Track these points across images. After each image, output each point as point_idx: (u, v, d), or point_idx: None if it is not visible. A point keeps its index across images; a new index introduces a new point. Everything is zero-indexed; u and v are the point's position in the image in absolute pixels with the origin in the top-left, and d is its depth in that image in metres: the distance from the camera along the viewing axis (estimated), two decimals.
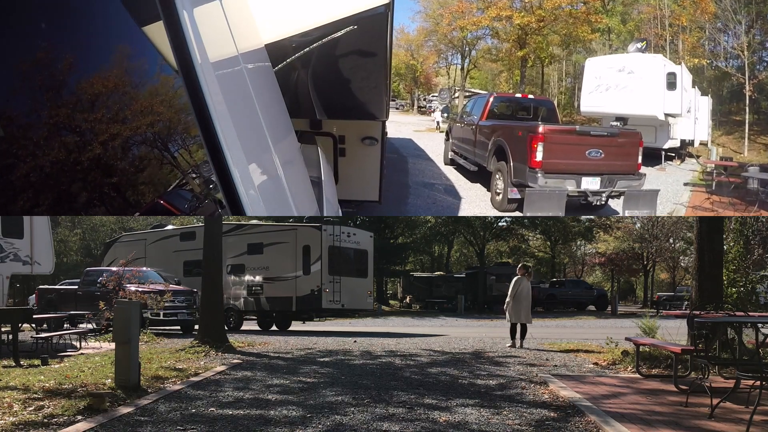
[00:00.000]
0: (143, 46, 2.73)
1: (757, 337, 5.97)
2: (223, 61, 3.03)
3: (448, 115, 19.76)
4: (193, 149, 2.87)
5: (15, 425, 4.94)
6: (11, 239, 14.18)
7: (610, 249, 42.23)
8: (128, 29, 2.64)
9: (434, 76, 56.48)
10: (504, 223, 37.50)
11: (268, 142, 3.50)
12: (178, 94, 2.86)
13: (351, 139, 9.53)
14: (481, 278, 34.79)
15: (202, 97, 2.64)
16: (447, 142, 17.91)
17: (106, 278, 14.72)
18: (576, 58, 38.86)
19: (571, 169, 10.46)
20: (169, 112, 2.70)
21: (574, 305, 34.56)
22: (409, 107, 56.05)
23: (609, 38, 35.52)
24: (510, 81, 43.04)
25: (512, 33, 34.78)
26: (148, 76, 2.64)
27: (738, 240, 10.80)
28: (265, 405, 5.91)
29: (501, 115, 14.63)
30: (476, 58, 43.64)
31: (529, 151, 10.31)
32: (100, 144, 2.21)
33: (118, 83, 2.35)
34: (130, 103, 2.42)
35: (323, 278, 17.58)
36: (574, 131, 11.05)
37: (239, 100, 3.19)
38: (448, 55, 49.62)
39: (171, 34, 2.53)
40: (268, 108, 3.70)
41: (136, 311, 7.00)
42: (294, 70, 6.24)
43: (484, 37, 40.77)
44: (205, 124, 2.67)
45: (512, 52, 36.04)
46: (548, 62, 38.64)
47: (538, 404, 5.95)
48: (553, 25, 33.65)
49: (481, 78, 52.82)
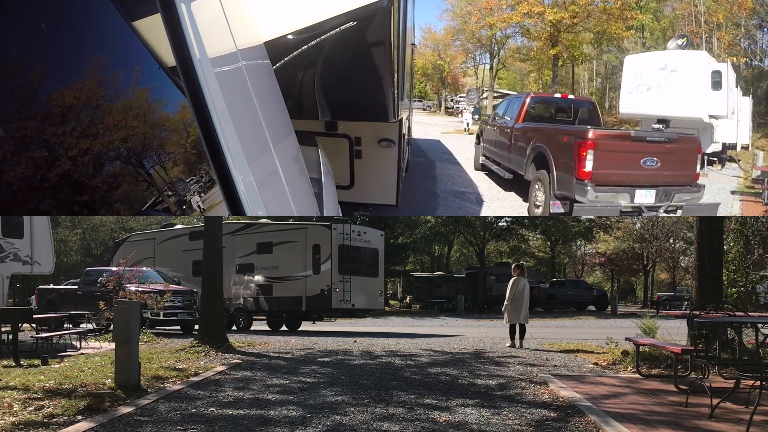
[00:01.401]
0: (118, 58, 2.69)
1: (757, 337, 5.97)
2: (222, 57, 3.01)
3: (479, 116, 18.76)
4: (168, 166, 2.81)
5: (15, 425, 4.93)
6: (11, 239, 14.19)
7: (610, 249, 42.21)
8: (104, 40, 2.59)
9: (462, 76, 55.37)
10: (504, 223, 37.50)
11: (267, 142, 3.49)
12: (153, 109, 2.81)
13: (367, 141, 9.18)
14: (481, 278, 34.79)
15: (201, 94, 2.62)
16: (478, 146, 16.97)
17: (106, 278, 14.72)
18: (607, 57, 37.58)
19: (624, 180, 9.31)
20: (143, 127, 2.64)
21: (574, 305, 34.55)
22: (437, 108, 54.81)
23: (643, 36, 34.25)
24: (539, 81, 41.83)
25: (544, 31, 33.74)
26: (123, 89, 2.57)
27: (738, 240, 10.80)
28: (265, 405, 5.91)
29: (538, 117, 13.43)
30: (505, 57, 42.35)
31: (576, 159, 9.14)
32: (69, 159, 2.14)
33: (91, 96, 2.29)
34: (102, 117, 2.37)
35: (333, 278, 17.30)
36: (628, 136, 9.68)
37: (238, 97, 3.15)
38: (476, 55, 48.53)
39: (169, 30, 2.51)
40: (267, 106, 3.68)
41: (136, 311, 7.00)
42: (300, 70, 6.16)
43: (513, 36, 39.76)
44: (204, 122, 2.65)
45: (544, 51, 34.82)
46: (581, 61, 37.31)
47: (538, 404, 5.95)
48: (585, 22, 32.47)
49: (510, 78, 51.45)
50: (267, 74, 4.10)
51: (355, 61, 6.16)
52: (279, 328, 18.98)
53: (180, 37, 2.53)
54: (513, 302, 11.65)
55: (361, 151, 9.13)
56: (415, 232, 40.13)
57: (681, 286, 39.46)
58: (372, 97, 6.83)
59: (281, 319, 19.09)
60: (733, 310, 7.44)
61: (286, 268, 18.16)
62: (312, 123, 8.23)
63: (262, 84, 3.74)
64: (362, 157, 9.16)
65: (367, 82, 6.52)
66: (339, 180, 9.15)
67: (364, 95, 6.88)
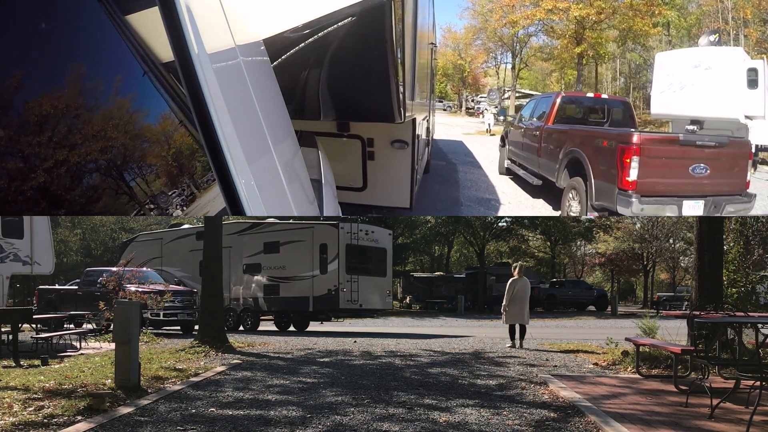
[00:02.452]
0: (100, 65, 2.61)
1: (757, 337, 5.97)
2: (221, 53, 2.98)
3: (504, 117, 17.91)
4: (150, 179, 2.73)
5: (15, 425, 4.93)
6: (11, 239, 14.19)
7: (610, 249, 42.21)
8: (85, 47, 2.53)
9: (482, 76, 54.20)
10: (504, 224, 37.49)
11: (267, 140, 3.47)
12: (134, 119, 2.74)
13: (380, 142, 8.89)
14: (481, 278, 34.79)
15: (200, 90, 2.57)
16: (502, 149, 16.02)
17: (106, 278, 14.73)
18: (630, 55, 36.49)
19: (671, 190, 8.46)
20: (123, 138, 2.55)
21: (574, 305, 34.55)
22: (457, 108, 53.78)
23: (668, 33, 33.27)
24: (561, 81, 40.93)
25: (568, 28, 32.80)
26: (104, 98, 2.49)
27: (738, 240, 10.79)
28: (265, 405, 5.91)
29: (570, 118, 12.34)
30: (527, 56, 41.26)
31: (619, 167, 8.22)
32: (44, 171, 2.05)
33: (70, 105, 2.21)
34: (81, 127, 2.28)
35: (340, 277, 17.09)
36: (676, 140, 8.64)
37: (238, 94, 3.12)
38: (497, 54, 47.39)
39: (168, 25, 2.46)
40: (267, 103, 3.66)
41: (136, 311, 7.01)
42: (300, 69, 6.10)
43: (536, 34, 38.77)
44: (203, 119, 2.62)
45: (568, 49, 33.79)
46: (607, 59, 36.14)
47: (538, 404, 5.95)
48: (611, 18, 31.40)
49: (531, 78, 50.38)
50: (266, 72, 4.07)
51: (356, 60, 6.07)
52: (287, 328, 18.84)
53: (179, 32, 2.48)
54: (511, 303, 11.65)
55: (374, 153, 8.89)
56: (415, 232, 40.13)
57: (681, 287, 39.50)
58: (375, 97, 6.64)
59: (289, 319, 18.93)
60: (733, 310, 7.44)
61: (293, 268, 17.99)
62: (324, 124, 8.07)
63: (262, 81, 3.72)
64: (375, 158, 8.92)
65: (369, 81, 6.39)
66: (351, 182, 9.00)
67: (367, 95, 6.72)
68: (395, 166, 9.11)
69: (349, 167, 8.87)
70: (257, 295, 18.78)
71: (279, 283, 18.33)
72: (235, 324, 18.80)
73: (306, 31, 5.20)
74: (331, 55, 5.92)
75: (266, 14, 4.63)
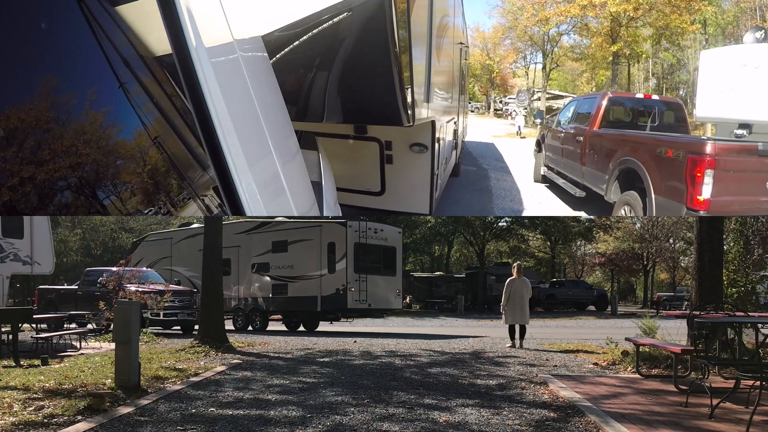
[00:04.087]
0: (73, 78, 2.49)
1: (757, 337, 5.97)
2: (219, 47, 2.91)
3: (541, 120, 16.10)
4: (125, 197, 2.64)
5: (15, 425, 4.93)
6: (11, 239, 14.19)
7: (610, 249, 42.21)
8: (58, 58, 2.42)
9: (511, 76, 52.62)
10: (504, 223, 37.51)
11: (266, 137, 3.44)
12: (108, 135, 2.60)
13: (398, 146, 8.53)
14: (481, 278, 34.81)
15: (198, 84, 2.51)
16: (538, 154, 14.81)
17: (106, 278, 14.73)
18: (664, 55, 35.02)
19: (746, 210, 7.53)
20: (96, 154, 2.42)
21: (574, 305, 34.57)
22: (485, 110, 52.47)
23: (705, 31, 31.85)
24: (592, 82, 39.39)
25: (603, 26, 31.33)
26: (76, 112, 2.36)
27: (738, 240, 10.79)
28: (265, 405, 5.91)
29: (618, 121, 11.07)
30: (558, 56, 39.60)
31: (689, 182, 6.90)
32: (8, 189, 1.94)
33: (39, 118, 2.10)
34: (50, 142, 2.15)
35: (348, 276, 16.79)
36: (755, 150, 7.08)
37: (236, 89, 3.07)
38: (527, 54, 45.82)
39: (165, 16, 2.41)
40: (266, 100, 3.60)
41: (136, 311, 7.00)
42: (300, 69, 5.95)
43: (567, 32, 37.32)
44: (201, 113, 2.57)
45: (603, 47, 32.22)
46: (645, 58, 34.47)
47: (538, 404, 5.95)
48: (647, 15, 30.05)
49: (560, 79, 48.84)
50: (265, 68, 4.01)
51: (356, 58, 5.84)
52: (297, 328, 18.67)
53: (176, 24, 2.43)
54: (510, 302, 11.63)
55: (392, 156, 8.59)
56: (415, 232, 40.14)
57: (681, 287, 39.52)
58: (379, 98, 6.26)
59: (298, 319, 18.73)
60: (733, 310, 7.44)
61: (302, 267, 17.78)
62: (341, 125, 7.90)
63: (261, 77, 3.65)
64: (393, 162, 8.61)
65: (372, 81, 6.08)
66: (369, 186, 8.75)
67: (371, 96, 6.38)
68: (414, 171, 8.74)
69: (366, 171, 8.64)
70: (266, 295, 18.61)
71: (287, 283, 18.12)
72: (244, 324, 18.66)
73: (302, 28, 5.08)
74: (331, 53, 5.75)
75: (263, 10, 4.54)
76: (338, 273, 17.00)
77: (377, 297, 17.62)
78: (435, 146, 8.71)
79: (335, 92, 6.22)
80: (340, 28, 5.16)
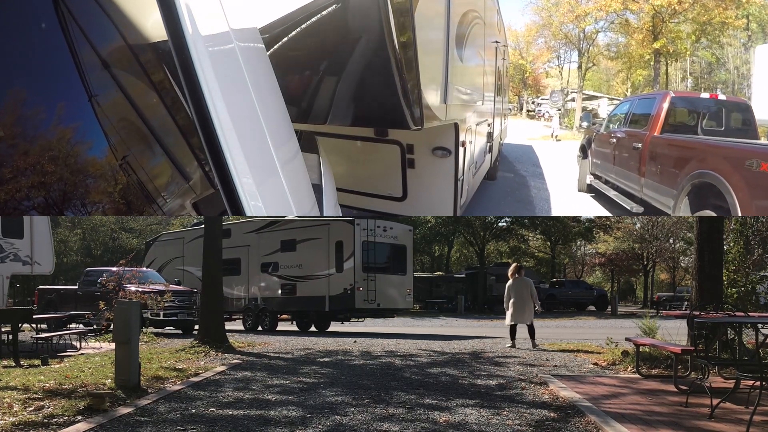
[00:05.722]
0: (41, 92, 2.34)
1: (757, 337, 5.96)
2: (215, 36, 2.86)
3: (589, 124, 14.49)
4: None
5: (15, 425, 4.93)
6: (11, 239, 14.20)
7: (610, 249, 42.23)
8: (27, 70, 2.29)
9: (543, 76, 50.79)
10: (504, 224, 37.50)
11: (263, 129, 3.40)
12: (76, 152, 2.44)
13: (420, 149, 8.09)
14: (481, 278, 34.81)
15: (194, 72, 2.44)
16: (583, 160, 13.45)
17: (106, 278, 14.74)
18: (702, 53, 33.58)
19: None
20: (63, 172, 2.26)
21: (574, 305, 34.58)
22: (517, 111, 50.44)
23: (747, 27, 30.36)
24: (627, 82, 37.88)
25: (645, 22, 29.74)
26: (44, 127, 2.21)
27: (738, 240, 10.78)
28: (265, 405, 5.91)
29: (682, 125, 9.64)
30: (595, 54, 37.70)
31: None
32: None
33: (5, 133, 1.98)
34: (12, 159, 2.00)
35: (356, 276, 16.47)
36: None
37: (233, 78, 3.01)
38: (561, 53, 43.84)
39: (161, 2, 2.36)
40: (263, 93, 3.53)
41: (136, 311, 7.01)
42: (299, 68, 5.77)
43: (604, 30, 35.53)
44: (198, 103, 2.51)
45: (644, 44, 30.48)
46: (689, 55, 32.50)
47: (538, 404, 5.95)
48: (690, 9, 28.36)
49: (594, 79, 46.79)
50: (262, 59, 3.88)
51: (351, 55, 5.53)
52: (308, 329, 18.48)
53: (172, 11, 2.37)
54: (512, 302, 11.59)
55: (414, 160, 8.14)
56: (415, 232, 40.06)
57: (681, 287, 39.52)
58: (381, 98, 5.84)
59: (309, 319, 18.50)
60: (733, 310, 7.43)
61: (310, 267, 17.55)
62: (361, 130, 7.67)
63: (257, 68, 3.57)
64: (415, 166, 8.16)
65: (370, 81, 5.72)
66: (391, 191, 8.45)
67: (371, 97, 5.97)
68: (437, 176, 8.22)
69: (387, 175, 8.35)
70: (275, 295, 18.45)
71: (296, 283, 17.90)
72: (254, 324, 18.52)
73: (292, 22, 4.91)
74: (324, 50, 5.49)
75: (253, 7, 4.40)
76: (346, 272, 16.73)
77: (386, 297, 17.29)
78: (459, 150, 8.20)
79: (335, 94, 5.96)
80: (331, 22, 4.90)
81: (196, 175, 3.55)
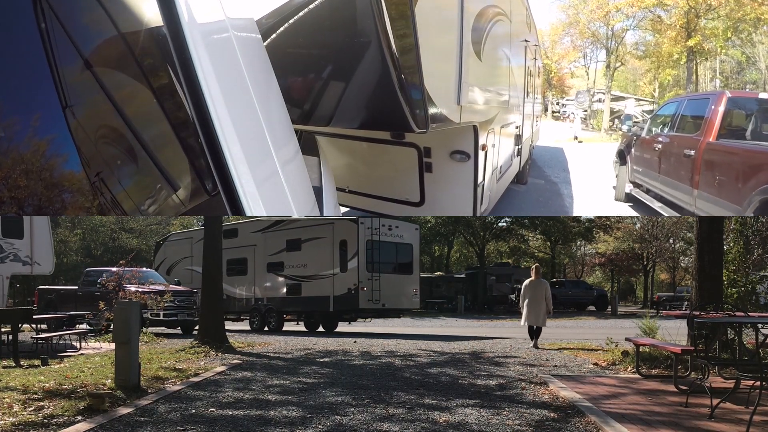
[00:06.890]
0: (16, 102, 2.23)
1: (757, 337, 5.96)
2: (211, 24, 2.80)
3: (629, 126, 13.23)
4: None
5: (15, 425, 4.93)
6: (11, 239, 14.20)
7: (610, 249, 42.21)
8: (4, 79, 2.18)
9: (568, 76, 49.31)
10: (504, 224, 37.49)
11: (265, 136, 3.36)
12: (52, 165, 2.34)
13: (438, 153, 7.77)
14: (481, 278, 34.78)
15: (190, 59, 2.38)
16: (621, 167, 12.32)
17: (106, 279, 14.74)
18: (732, 52, 32.51)
19: None
20: (37, 186, 2.15)
21: (574, 305, 34.55)
22: (542, 112, 51.14)
23: None
24: (655, 82, 36.56)
25: (679, 18, 28.68)
26: (18, 139, 2.11)
27: (738, 240, 10.79)
28: (265, 405, 5.91)
29: (739, 130, 8.51)
30: (623, 53, 36.28)
31: None
32: None
33: None
34: None
35: (360, 275, 16.30)
36: None
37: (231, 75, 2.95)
38: (587, 52, 42.25)
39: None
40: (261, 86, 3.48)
41: (136, 311, 7.01)
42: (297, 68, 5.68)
43: (633, 27, 34.14)
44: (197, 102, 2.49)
45: (678, 42, 29.28)
46: (725, 52, 31.21)
47: (538, 404, 5.95)
48: (725, 4, 27.32)
49: (620, 79, 45.26)
50: (258, 50, 3.75)
51: (345, 54, 5.30)
52: (315, 329, 18.34)
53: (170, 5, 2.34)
54: (528, 304, 11.55)
55: (432, 164, 7.84)
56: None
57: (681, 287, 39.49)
58: (379, 99, 5.55)
59: (315, 319, 18.36)
60: (733, 310, 7.44)
61: (314, 266, 17.41)
62: (379, 133, 7.47)
63: (254, 59, 3.47)
64: (433, 170, 7.88)
65: (368, 82, 5.48)
66: (408, 196, 8.24)
67: (371, 99, 5.70)
68: (455, 181, 7.85)
69: (404, 179, 8.15)
70: (280, 295, 18.35)
71: (301, 282, 17.77)
72: (260, 324, 18.45)
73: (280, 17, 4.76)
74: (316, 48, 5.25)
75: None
76: (350, 272, 16.57)
77: (391, 297, 17.05)
78: (479, 154, 7.77)
79: (335, 95, 5.73)
80: (319, 18, 4.72)
81: (185, 182, 3.41)
